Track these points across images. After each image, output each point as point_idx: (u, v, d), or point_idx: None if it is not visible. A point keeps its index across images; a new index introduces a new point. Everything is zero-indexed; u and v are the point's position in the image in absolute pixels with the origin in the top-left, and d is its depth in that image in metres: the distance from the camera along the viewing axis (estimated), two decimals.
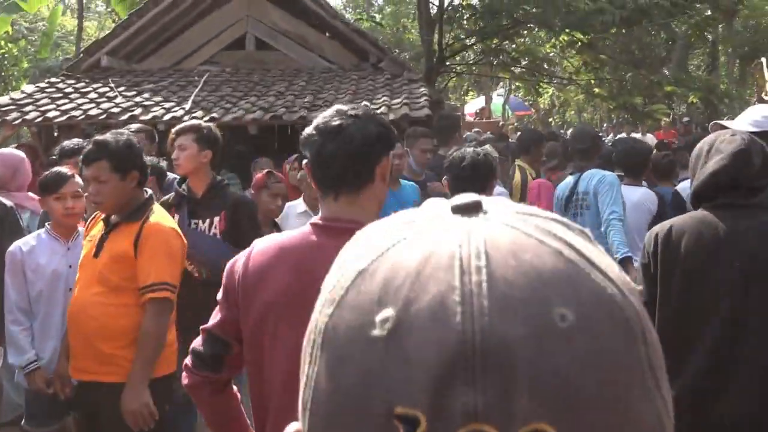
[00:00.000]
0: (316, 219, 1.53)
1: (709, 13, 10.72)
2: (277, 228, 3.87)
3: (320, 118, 1.53)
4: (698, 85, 10.99)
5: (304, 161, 1.57)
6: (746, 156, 2.05)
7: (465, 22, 12.61)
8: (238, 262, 1.53)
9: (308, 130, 1.53)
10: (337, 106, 1.57)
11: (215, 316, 1.55)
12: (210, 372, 1.54)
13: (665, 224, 2.20)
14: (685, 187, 4.67)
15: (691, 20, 10.45)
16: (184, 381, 1.59)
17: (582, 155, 4.38)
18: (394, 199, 4.43)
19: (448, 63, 12.60)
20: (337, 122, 1.47)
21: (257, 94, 6.89)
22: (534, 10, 10.59)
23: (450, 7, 12.46)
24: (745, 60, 21.62)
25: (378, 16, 32.14)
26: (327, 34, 8.66)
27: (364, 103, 1.58)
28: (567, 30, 10.96)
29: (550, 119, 28.61)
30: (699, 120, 19.94)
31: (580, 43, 11.52)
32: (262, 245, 1.53)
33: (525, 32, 12.23)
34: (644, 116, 11.95)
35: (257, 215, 3.58)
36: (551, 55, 15.15)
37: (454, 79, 15.98)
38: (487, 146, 3.27)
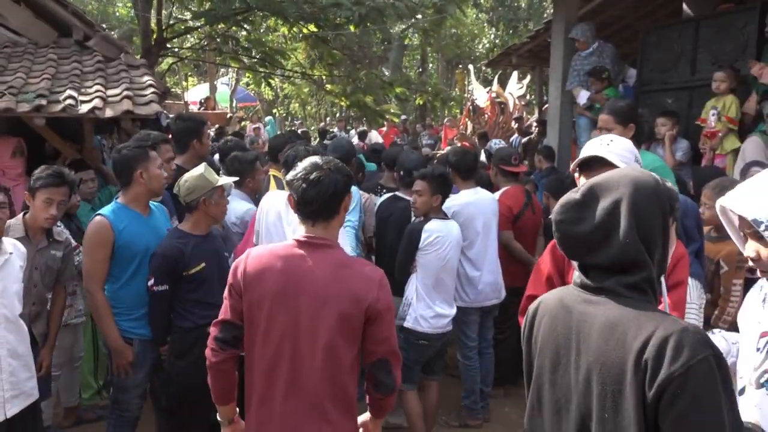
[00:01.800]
0: (299, 236, 2.22)
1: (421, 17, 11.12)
2: None
3: (302, 170, 2.22)
4: (426, 88, 11.35)
5: (288, 194, 2.28)
6: (573, 211, 1.53)
7: (189, 1, 11.29)
8: (239, 266, 2.22)
9: (293, 175, 2.22)
10: (313, 160, 2.25)
11: (226, 311, 2.24)
12: (233, 349, 2.25)
13: (538, 300, 1.71)
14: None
15: (418, 25, 10.70)
16: (213, 359, 2.27)
17: None
18: (145, 226, 3.40)
19: (168, 45, 11.14)
20: (316, 175, 2.17)
21: None
22: None
23: None
24: (450, 65, 23.89)
25: None
26: None
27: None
28: (301, 22, 10.42)
29: (274, 110, 28.22)
30: (412, 119, 21.34)
31: (313, 36, 11.08)
32: (256, 252, 2.26)
33: (258, 21, 11.34)
34: (376, 115, 12.02)
35: None
36: (278, 45, 14.56)
37: (173, 63, 14.32)
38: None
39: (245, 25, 10.92)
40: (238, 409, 2.42)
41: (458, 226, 4.04)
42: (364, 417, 2.39)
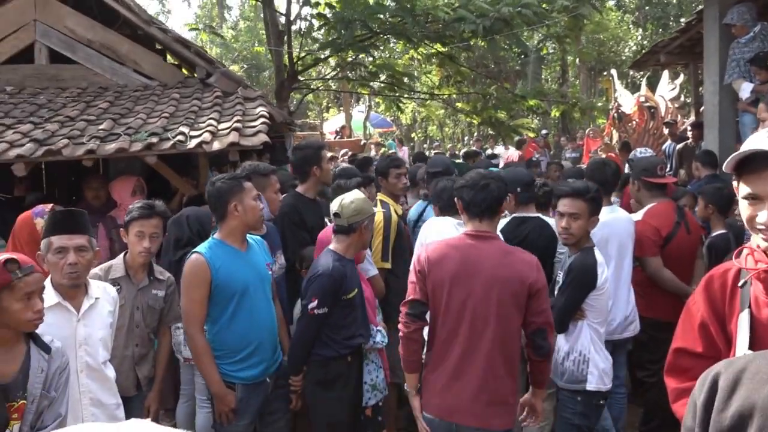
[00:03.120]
0: (469, 230, 2.75)
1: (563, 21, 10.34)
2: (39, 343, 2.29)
3: (470, 179, 2.76)
4: (565, 99, 10.56)
5: (456, 198, 2.83)
6: None
7: (317, 33, 11.50)
8: (421, 255, 2.76)
9: (463, 183, 2.79)
10: (478, 172, 2.85)
11: (414, 291, 2.75)
12: (420, 321, 2.74)
13: (734, 363, 1.15)
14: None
15: (550, 30, 9.99)
16: (405, 330, 2.74)
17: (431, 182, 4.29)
18: (243, 262, 3.17)
19: (301, 78, 11.39)
20: (484, 182, 2.72)
21: (36, 119, 5.11)
22: (391, 19, 9.64)
23: (300, 18, 11.29)
24: (592, 72, 22.50)
25: (232, 32, 30.52)
26: (155, 46, 7.07)
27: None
28: (426, 42, 10.15)
29: (413, 134, 28.34)
30: (554, 132, 20.28)
31: (440, 55, 10.76)
32: (435, 245, 2.81)
33: (381, 45, 11.27)
34: (509, 130, 11.39)
35: None
36: (411, 68, 14.43)
37: (310, 96, 14.70)
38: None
39: (372, 51, 10.87)
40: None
41: None
42: (527, 396, 2.82)
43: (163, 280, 3.44)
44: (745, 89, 5.61)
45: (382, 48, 11.29)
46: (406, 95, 12.10)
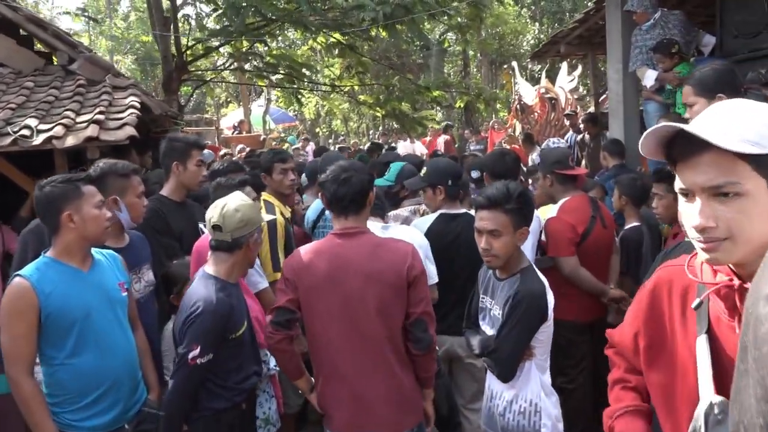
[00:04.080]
0: (335, 230, 2.54)
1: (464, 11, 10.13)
2: None
3: (331, 173, 2.55)
4: (468, 90, 10.34)
5: (320, 193, 2.71)
6: None
7: (209, 21, 10.70)
8: (290, 261, 2.55)
9: (325, 177, 2.56)
10: (340, 164, 2.60)
11: (282, 298, 2.49)
12: (286, 330, 2.48)
13: None
14: None
15: (452, 20, 9.73)
16: (270, 341, 2.51)
17: None
18: (84, 283, 2.53)
19: (192, 69, 10.55)
20: (346, 176, 2.50)
21: None
22: (286, 6, 9.03)
23: (188, 3, 10.45)
24: (493, 66, 22.74)
25: (123, 24, 28.69)
26: (18, 31, 6.10)
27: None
28: (325, 30, 9.62)
29: (317, 129, 27.70)
30: (458, 125, 20.34)
31: (341, 46, 10.27)
32: (304, 249, 2.57)
33: (278, 33, 10.61)
34: (413, 123, 11.06)
35: None
36: (312, 60, 13.82)
37: (205, 89, 13.82)
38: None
39: (267, 40, 10.22)
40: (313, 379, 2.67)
41: None
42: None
43: None
44: (650, 77, 5.48)
45: (279, 38, 10.60)
46: (305, 87, 11.48)
